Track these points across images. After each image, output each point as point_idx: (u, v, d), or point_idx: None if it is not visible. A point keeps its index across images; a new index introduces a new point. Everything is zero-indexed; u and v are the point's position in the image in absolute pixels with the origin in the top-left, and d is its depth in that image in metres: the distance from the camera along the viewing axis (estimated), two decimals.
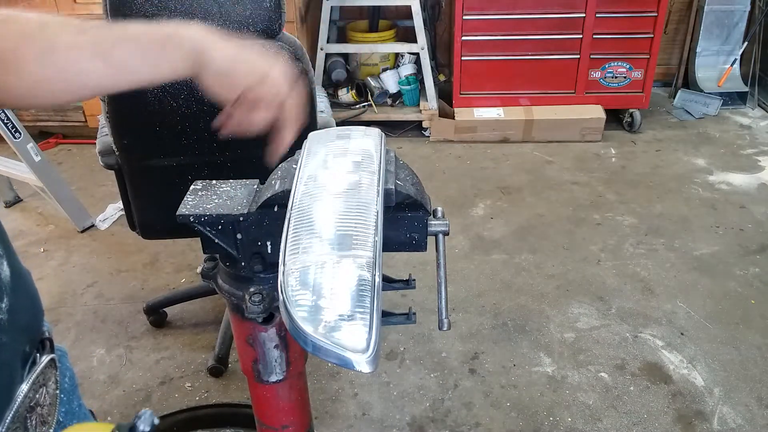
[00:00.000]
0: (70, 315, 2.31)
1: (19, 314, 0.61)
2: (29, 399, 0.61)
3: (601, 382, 1.98)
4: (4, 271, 0.60)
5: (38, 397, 0.62)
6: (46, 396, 0.64)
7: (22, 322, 0.62)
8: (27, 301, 0.65)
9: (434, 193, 3.01)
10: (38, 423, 0.62)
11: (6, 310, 0.59)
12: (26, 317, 0.64)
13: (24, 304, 0.63)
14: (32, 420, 0.61)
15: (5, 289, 0.60)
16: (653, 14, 3.31)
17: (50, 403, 0.65)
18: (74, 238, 2.77)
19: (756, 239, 2.64)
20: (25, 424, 0.60)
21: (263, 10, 1.53)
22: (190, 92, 1.57)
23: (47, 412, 0.64)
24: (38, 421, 0.62)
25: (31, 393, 0.61)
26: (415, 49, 3.48)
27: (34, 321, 0.66)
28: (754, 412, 1.86)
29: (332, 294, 0.69)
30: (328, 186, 0.78)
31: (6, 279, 0.60)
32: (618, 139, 3.53)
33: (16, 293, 0.61)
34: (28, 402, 0.60)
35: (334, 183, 0.78)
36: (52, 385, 0.65)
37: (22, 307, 0.63)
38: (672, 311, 2.25)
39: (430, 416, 1.88)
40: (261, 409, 1.06)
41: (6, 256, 0.61)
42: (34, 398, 0.61)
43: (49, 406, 0.64)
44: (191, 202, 0.86)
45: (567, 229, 2.74)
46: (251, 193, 0.88)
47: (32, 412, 0.61)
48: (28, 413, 0.61)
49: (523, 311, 2.27)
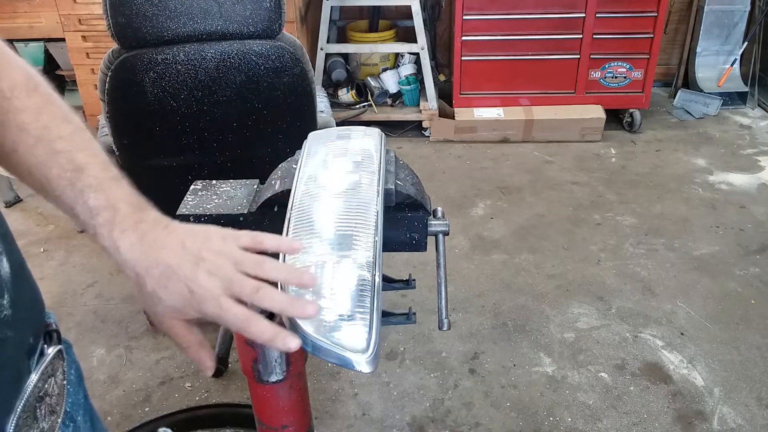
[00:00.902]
0: (70, 315, 2.31)
1: (22, 308, 0.62)
2: (38, 389, 0.61)
3: (601, 382, 1.98)
4: (4, 267, 0.60)
5: (47, 387, 0.63)
6: (55, 386, 0.65)
7: (26, 315, 0.63)
8: (29, 293, 0.65)
9: (434, 193, 3.01)
10: (47, 413, 0.63)
11: (8, 305, 0.59)
12: (29, 310, 0.64)
13: (26, 297, 0.64)
14: (41, 409, 0.62)
15: (6, 285, 0.60)
16: (653, 14, 3.31)
17: (58, 394, 0.65)
18: (74, 238, 2.77)
19: (756, 239, 2.64)
20: (35, 413, 0.61)
21: (263, 10, 1.53)
22: (190, 92, 1.57)
23: (55, 402, 0.65)
24: (47, 411, 0.63)
25: (40, 383, 0.62)
26: (415, 49, 3.48)
27: (36, 313, 0.67)
28: (754, 412, 1.86)
29: (332, 294, 0.69)
30: (328, 186, 0.78)
31: (6, 275, 0.60)
32: (618, 139, 3.53)
33: (18, 287, 0.61)
34: (37, 392, 0.61)
35: (334, 183, 0.78)
36: (60, 375, 0.66)
37: (25, 301, 0.63)
38: (672, 311, 2.25)
39: (430, 416, 1.88)
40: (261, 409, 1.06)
41: (6, 252, 0.61)
42: (43, 388, 0.62)
43: (57, 396, 0.65)
44: (191, 202, 0.86)
45: (567, 229, 2.74)
46: (251, 193, 0.88)
47: (41, 402, 0.62)
48: (38, 403, 0.62)
49: (523, 311, 2.27)
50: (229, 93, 1.59)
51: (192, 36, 1.53)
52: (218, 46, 1.54)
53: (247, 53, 1.54)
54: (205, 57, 1.54)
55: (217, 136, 1.66)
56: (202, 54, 1.54)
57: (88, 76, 3.34)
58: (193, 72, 1.55)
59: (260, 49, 1.55)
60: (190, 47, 1.53)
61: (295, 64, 1.58)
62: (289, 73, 1.59)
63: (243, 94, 1.59)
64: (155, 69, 1.52)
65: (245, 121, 1.64)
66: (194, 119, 1.61)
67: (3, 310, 0.58)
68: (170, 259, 0.62)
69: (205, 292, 0.61)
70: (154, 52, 1.51)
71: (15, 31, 3.33)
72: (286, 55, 1.57)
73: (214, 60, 1.54)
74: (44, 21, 3.27)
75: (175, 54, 1.52)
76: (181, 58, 1.53)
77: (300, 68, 1.60)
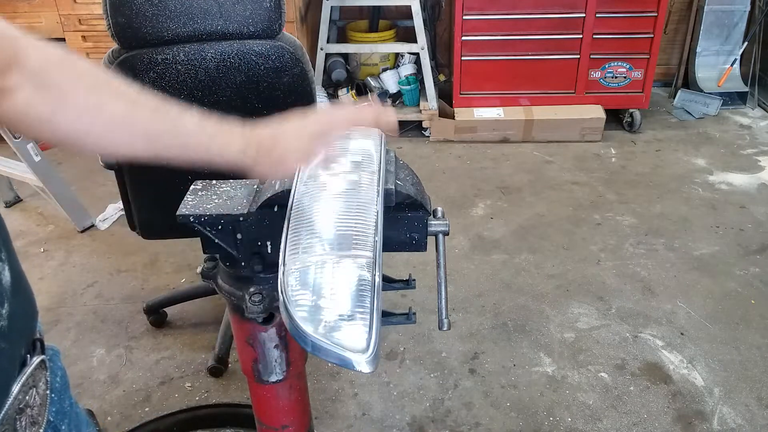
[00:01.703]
0: (70, 315, 2.31)
1: (18, 319, 0.61)
2: (18, 401, 0.61)
3: (601, 382, 1.98)
4: (5, 276, 0.60)
5: (28, 398, 0.62)
6: (36, 397, 0.64)
7: (21, 326, 0.62)
8: (26, 304, 0.65)
9: (434, 193, 3.01)
10: (28, 424, 0.63)
11: (6, 316, 0.59)
12: (24, 321, 0.64)
13: (23, 308, 0.63)
14: (22, 421, 0.61)
15: (6, 294, 0.60)
16: (653, 14, 3.31)
17: (40, 404, 0.65)
18: (74, 238, 2.77)
19: (756, 239, 2.64)
20: (15, 426, 0.60)
21: (263, 10, 1.53)
22: (190, 92, 1.57)
23: (37, 413, 0.64)
24: (28, 422, 0.62)
25: (20, 395, 0.61)
26: (415, 49, 3.48)
27: (30, 324, 0.66)
28: (754, 412, 1.86)
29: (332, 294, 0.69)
30: (328, 186, 0.78)
31: (7, 284, 0.60)
32: (618, 139, 3.53)
33: (16, 297, 0.61)
34: (17, 404, 0.61)
35: (334, 183, 0.78)
36: (42, 386, 0.66)
37: (21, 311, 0.63)
38: (672, 311, 2.25)
39: (430, 416, 1.88)
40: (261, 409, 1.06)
41: (8, 260, 0.61)
42: (23, 400, 0.62)
43: (39, 406, 0.65)
44: (191, 202, 0.86)
45: (567, 229, 2.74)
46: (251, 193, 0.88)
47: (22, 414, 0.61)
48: (18, 415, 0.61)
49: (523, 311, 2.27)
50: (229, 93, 1.59)
51: (192, 36, 1.53)
52: (218, 46, 1.54)
53: (247, 53, 1.54)
54: (205, 57, 1.54)
55: None
56: (202, 54, 1.54)
57: None
58: (193, 72, 1.55)
59: (260, 49, 1.55)
60: (190, 47, 1.53)
61: (295, 64, 1.58)
62: (289, 73, 1.59)
63: (243, 94, 1.59)
64: (155, 69, 1.52)
65: (245, 121, 1.64)
66: None
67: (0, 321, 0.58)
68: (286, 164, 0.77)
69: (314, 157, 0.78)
70: (154, 52, 1.51)
71: None
72: (286, 55, 1.57)
73: (214, 60, 1.54)
74: (44, 21, 3.27)
75: (175, 54, 1.52)
76: (181, 58, 1.53)
77: (300, 68, 1.60)
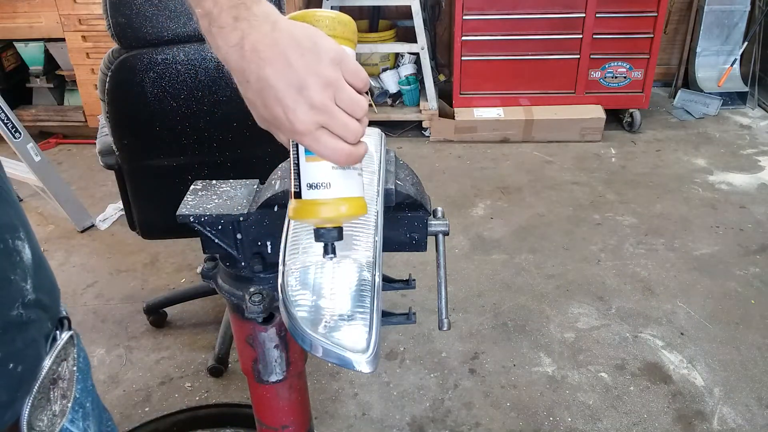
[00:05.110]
0: (70, 315, 2.29)
1: (42, 294, 0.64)
2: (52, 372, 0.64)
3: (601, 382, 1.98)
4: (26, 254, 0.63)
5: (60, 370, 0.66)
6: (66, 371, 0.68)
7: (45, 301, 0.65)
8: (47, 281, 0.68)
9: (434, 193, 3.01)
10: (59, 396, 0.66)
11: (32, 290, 0.62)
12: (48, 297, 0.67)
13: (45, 284, 0.66)
14: (54, 392, 0.65)
15: (28, 270, 0.63)
16: (653, 14, 3.31)
17: (69, 378, 0.68)
18: (74, 238, 2.77)
19: (756, 239, 2.64)
20: (48, 395, 0.64)
21: None
22: (190, 92, 1.58)
23: (66, 387, 0.68)
24: (59, 394, 0.66)
25: (54, 366, 0.65)
26: (415, 49, 3.48)
27: (54, 300, 0.70)
28: (754, 412, 1.86)
29: (332, 294, 0.69)
30: None
31: (28, 261, 0.63)
32: (618, 139, 3.53)
33: (38, 274, 0.64)
34: (51, 374, 0.64)
35: None
36: (71, 360, 0.69)
37: (45, 287, 0.66)
38: (672, 311, 2.25)
39: (430, 416, 1.88)
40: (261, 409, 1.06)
41: (27, 239, 0.64)
42: (56, 371, 0.65)
43: (68, 381, 0.68)
44: (191, 202, 0.86)
45: (567, 229, 2.74)
46: (251, 193, 0.88)
47: (54, 385, 0.65)
48: (52, 385, 0.65)
49: (523, 311, 2.27)
50: (229, 93, 1.59)
51: (192, 36, 1.53)
52: None
53: None
54: (205, 57, 1.54)
55: (217, 136, 1.66)
56: (202, 54, 1.54)
57: (88, 76, 3.35)
58: (193, 72, 1.55)
59: None
60: (190, 47, 1.53)
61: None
62: None
63: None
64: (155, 69, 1.52)
65: (245, 121, 1.63)
66: (194, 119, 1.61)
67: (27, 294, 0.61)
68: (273, 78, 0.57)
69: (301, 126, 0.58)
70: (154, 52, 1.51)
71: (15, 31, 3.34)
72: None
73: (214, 60, 1.54)
74: (44, 21, 3.27)
75: (175, 54, 1.52)
76: (181, 58, 1.53)
77: None
